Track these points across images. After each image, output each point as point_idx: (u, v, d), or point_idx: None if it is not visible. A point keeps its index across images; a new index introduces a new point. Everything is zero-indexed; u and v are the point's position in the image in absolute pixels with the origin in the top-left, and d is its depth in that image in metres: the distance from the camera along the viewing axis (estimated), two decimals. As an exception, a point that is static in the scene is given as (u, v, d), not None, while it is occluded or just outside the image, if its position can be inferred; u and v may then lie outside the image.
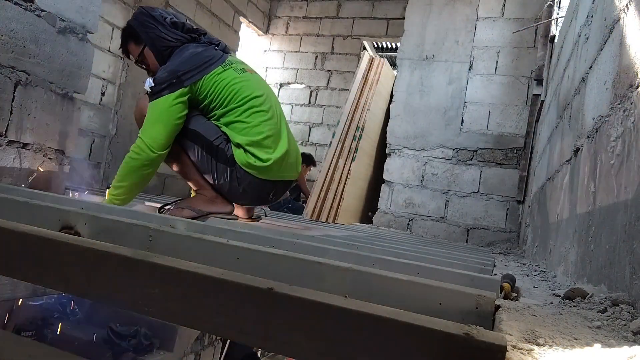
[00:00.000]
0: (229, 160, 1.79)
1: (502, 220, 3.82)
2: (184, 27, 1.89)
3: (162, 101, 1.72)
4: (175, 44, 1.84)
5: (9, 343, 0.38)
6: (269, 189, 1.88)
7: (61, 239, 0.72)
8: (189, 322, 0.62)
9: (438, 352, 0.48)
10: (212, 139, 1.78)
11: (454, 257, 1.60)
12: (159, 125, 1.72)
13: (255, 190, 1.85)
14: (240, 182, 1.80)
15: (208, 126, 1.81)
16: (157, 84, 1.74)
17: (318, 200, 3.54)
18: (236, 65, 1.90)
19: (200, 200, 1.84)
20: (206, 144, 1.78)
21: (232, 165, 1.79)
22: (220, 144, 1.79)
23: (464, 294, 0.75)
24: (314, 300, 0.54)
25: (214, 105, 1.81)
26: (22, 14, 1.66)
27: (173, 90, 1.73)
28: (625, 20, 1.03)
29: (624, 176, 0.91)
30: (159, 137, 1.71)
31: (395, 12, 5.44)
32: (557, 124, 2.11)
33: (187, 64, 1.77)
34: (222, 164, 1.79)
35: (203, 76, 1.78)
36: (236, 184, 1.80)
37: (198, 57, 1.81)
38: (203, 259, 0.91)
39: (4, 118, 1.64)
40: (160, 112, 1.72)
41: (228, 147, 1.79)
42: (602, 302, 0.81)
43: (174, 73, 1.74)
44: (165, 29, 1.84)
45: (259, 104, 1.84)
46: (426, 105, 4.15)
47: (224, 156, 1.79)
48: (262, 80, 2.00)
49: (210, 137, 1.78)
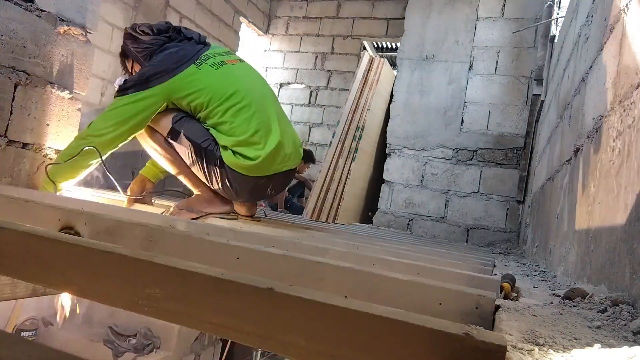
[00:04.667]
0: (218, 162, 1.77)
1: (502, 220, 3.82)
2: (156, 30, 1.87)
3: (125, 98, 1.72)
4: (152, 48, 1.84)
5: (9, 343, 0.38)
6: (264, 184, 1.85)
7: (61, 239, 0.72)
8: (189, 322, 0.62)
9: (438, 352, 0.48)
10: (200, 141, 1.76)
11: (454, 257, 1.60)
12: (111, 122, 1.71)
13: (249, 188, 1.82)
14: (232, 182, 1.78)
15: (196, 128, 1.78)
16: (125, 83, 1.76)
17: (318, 200, 3.54)
18: (214, 58, 1.85)
19: (199, 201, 1.84)
20: (195, 147, 1.76)
21: (221, 166, 1.77)
22: (209, 146, 1.77)
23: (464, 294, 0.75)
24: (314, 300, 0.54)
25: (196, 108, 1.79)
26: (22, 14, 1.66)
27: (137, 90, 1.72)
28: (625, 20, 1.03)
29: (624, 176, 0.91)
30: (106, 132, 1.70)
31: (395, 12, 5.44)
32: (557, 124, 2.11)
33: (156, 66, 1.77)
34: (212, 165, 1.77)
35: (171, 77, 1.75)
36: (228, 184, 1.79)
37: (170, 58, 1.79)
38: (203, 259, 0.91)
39: (4, 118, 1.64)
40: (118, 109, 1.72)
41: (217, 148, 1.77)
42: (602, 302, 0.81)
43: (142, 75, 1.75)
44: (138, 38, 1.86)
45: (240, 99, 1.78)
46: (426, 105, 4.15)
47: (213, 157, 1.77)
48: (244, 68, 1.93)
49: (199, 139, 1.76)
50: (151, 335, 3.08)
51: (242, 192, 1.84)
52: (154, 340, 3.08)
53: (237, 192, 1.83)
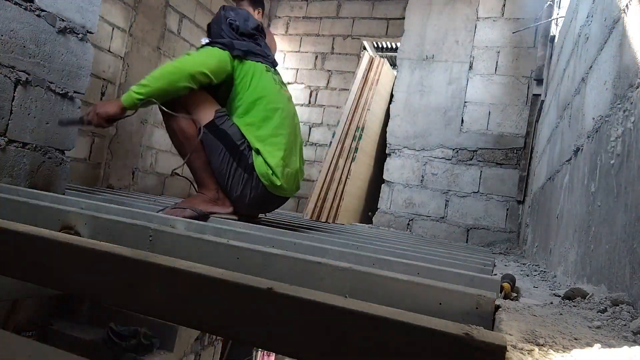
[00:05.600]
0: (248, 168, 1.84)
1: (502, 220, 3.82)
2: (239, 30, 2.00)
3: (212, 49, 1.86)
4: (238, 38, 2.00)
5: (9, 343, 0.37)
6: (275, 201, 1.97)
7: (61, 239, 0.72)
8: (189, 322, 0.62)
9: (438, 352, 0.48)
10: (239, 142, 1.83)
11: (454, 257, 1.60)
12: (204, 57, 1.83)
13: (261, 202, 1.91)
14: (252, 191, 1.85)
15: (235, 129, 1.85)
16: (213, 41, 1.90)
17: (318, 200, 3.54)
18: (278, 77, 2.04)
19: (201, 200, 1.84)
20: (232, 146, 1.82)
21: (250, 173, 1.84)
22: (244, 150, 1.84)
23: (464, 294, 0.75)
24: (314, 300, 0.54)
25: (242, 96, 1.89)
26: (22, 14, 1.66)
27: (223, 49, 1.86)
28: (626, 20, 1.03)
29: (624, 176, 0.91)
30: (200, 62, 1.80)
31: (395, 12, 5.44)
32: (557, 124, 2.11)
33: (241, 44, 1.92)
34: (241, 169, 1.83)
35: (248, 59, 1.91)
36: (248, 191, 1.85)
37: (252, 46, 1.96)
38: (203, 259, 0.91)
39: (4, 118, 1.64)
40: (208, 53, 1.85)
41: (250, 154, 1.84)
42: (602, 302, 0.81)
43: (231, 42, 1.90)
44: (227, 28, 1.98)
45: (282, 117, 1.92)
46: (426, 105, 4.15)
47: (245, 162, 1.84)
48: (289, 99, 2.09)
49: (237, 140, 1.83)
50: (151, 335, 3.08)
51: (254, 204, 1.90)
52: (154, 340, 3.08)
53: (250, 202, 1.88)
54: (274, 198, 1.93)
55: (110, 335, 2.95)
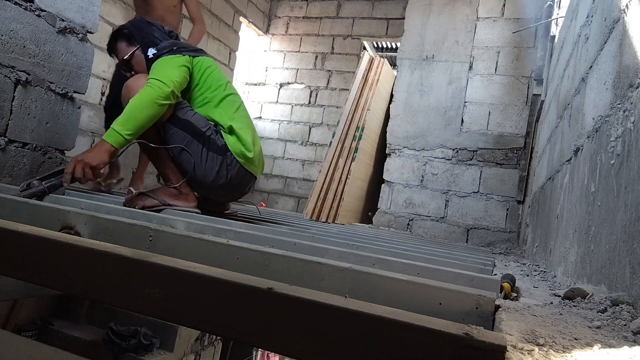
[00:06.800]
0: (221, 149, 1.85)
1: (502, 220, 3.82)
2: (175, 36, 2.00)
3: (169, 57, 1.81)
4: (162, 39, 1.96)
5: (9, 343, 0.37)
6: (248, 182, 1.97)
7: (61, 239, 0.72)
8: (189, 322, 0.62)
9: (438, 352, 0.48)
10: (204, 129, 1.83)
11: (454, 257, 1.60)
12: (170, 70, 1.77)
13: (239, 181, 1.92)
14: (229, 171, 1.87)
15: (198, 117, 1.86)
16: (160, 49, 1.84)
17: (318, 200, 3.53)
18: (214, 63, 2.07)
19: (164, 192, 1.83)
20: (198, 134, 1.82)
21: (223, 153, 1.85)
22: (211, 135, 1.84)
23: (464, 294, 0.75)
24: (314, 300, 0.54)
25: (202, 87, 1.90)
26: (22, 14, 1.66)
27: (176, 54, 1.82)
28: (626, 20, 1.03)
29: (624, 176, 0.91)
30: (172, 77, 1.75)
31: (395, 12, 5.44)
32: (557, 124, 2.11)
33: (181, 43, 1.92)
34: (213, 152, 1.84)
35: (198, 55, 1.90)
36: (225, 172, 1.86)
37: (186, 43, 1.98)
38: (203, 259, 0.91)
39: (3, 118, 1.64)
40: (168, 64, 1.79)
41: (218, 136, 1.86)
42: (602, 302, 0.81)
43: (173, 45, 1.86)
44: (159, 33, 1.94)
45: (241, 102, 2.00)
46: (426, 105, 4.15)
47: (215, 145, 1.84)
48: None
49: (202, 127, 1.83)
50: (151, 335, 3.08)
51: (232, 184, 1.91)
52: (154, 340, 3.08)
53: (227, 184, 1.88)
54: (249, 177, 1.95)
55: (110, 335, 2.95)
